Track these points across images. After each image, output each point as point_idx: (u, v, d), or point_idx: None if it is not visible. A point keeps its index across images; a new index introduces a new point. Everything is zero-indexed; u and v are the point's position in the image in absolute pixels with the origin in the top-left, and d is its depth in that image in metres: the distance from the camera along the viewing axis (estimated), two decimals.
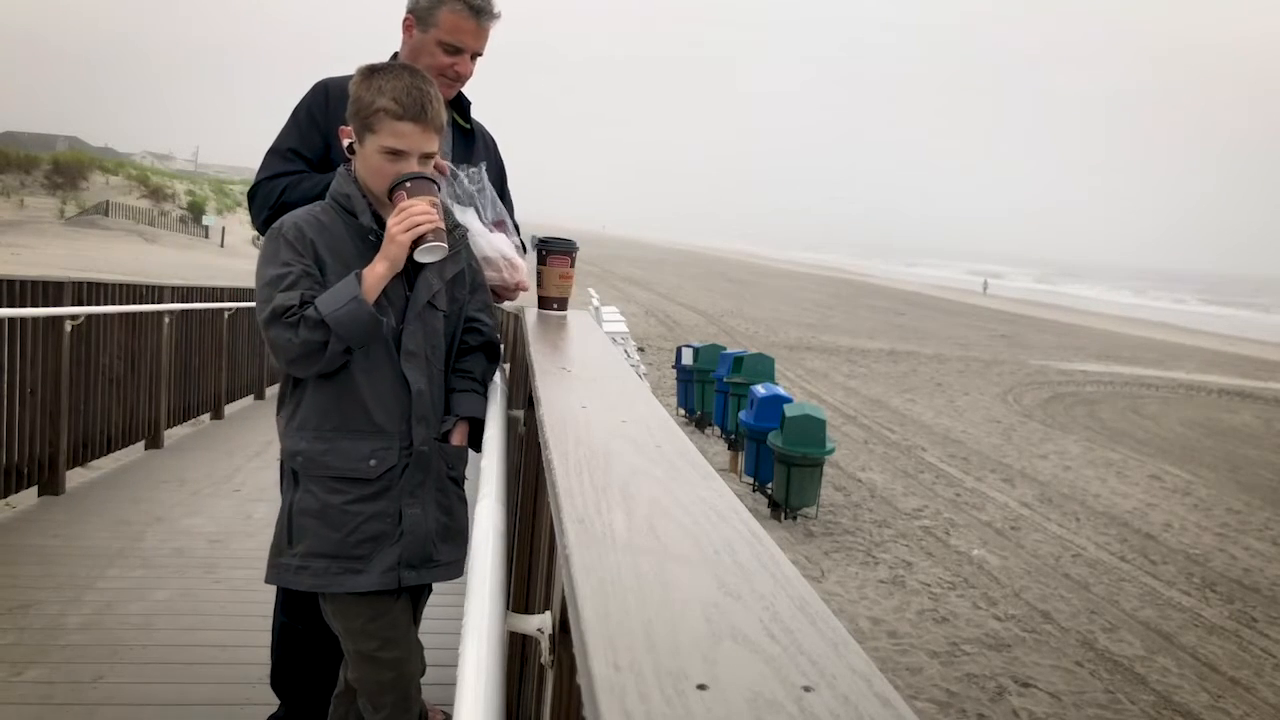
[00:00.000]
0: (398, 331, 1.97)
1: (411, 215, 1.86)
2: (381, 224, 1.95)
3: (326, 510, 1.90)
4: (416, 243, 1.87)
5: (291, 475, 1.94)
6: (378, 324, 1.86)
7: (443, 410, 2.05)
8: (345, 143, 1.95)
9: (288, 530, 1.93)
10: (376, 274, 1.88)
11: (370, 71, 1.94)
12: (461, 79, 2.37)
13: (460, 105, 2.48)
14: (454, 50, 2.31)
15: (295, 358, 1.84)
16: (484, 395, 2.10)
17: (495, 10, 2.33)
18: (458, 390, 2.07)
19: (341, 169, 2.02)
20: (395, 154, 1.89)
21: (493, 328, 2.16)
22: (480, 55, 2.39)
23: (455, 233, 2.05)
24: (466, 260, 2.09)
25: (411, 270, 1.98)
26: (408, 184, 1.89)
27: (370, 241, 1.95)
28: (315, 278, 1.88)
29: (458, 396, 2.07)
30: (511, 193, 2.69)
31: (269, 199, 2.27)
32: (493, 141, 2.62)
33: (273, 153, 2.34)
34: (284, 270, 1.87)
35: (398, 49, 2.40)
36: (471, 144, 2.51)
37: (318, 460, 1.91)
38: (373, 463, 1.91)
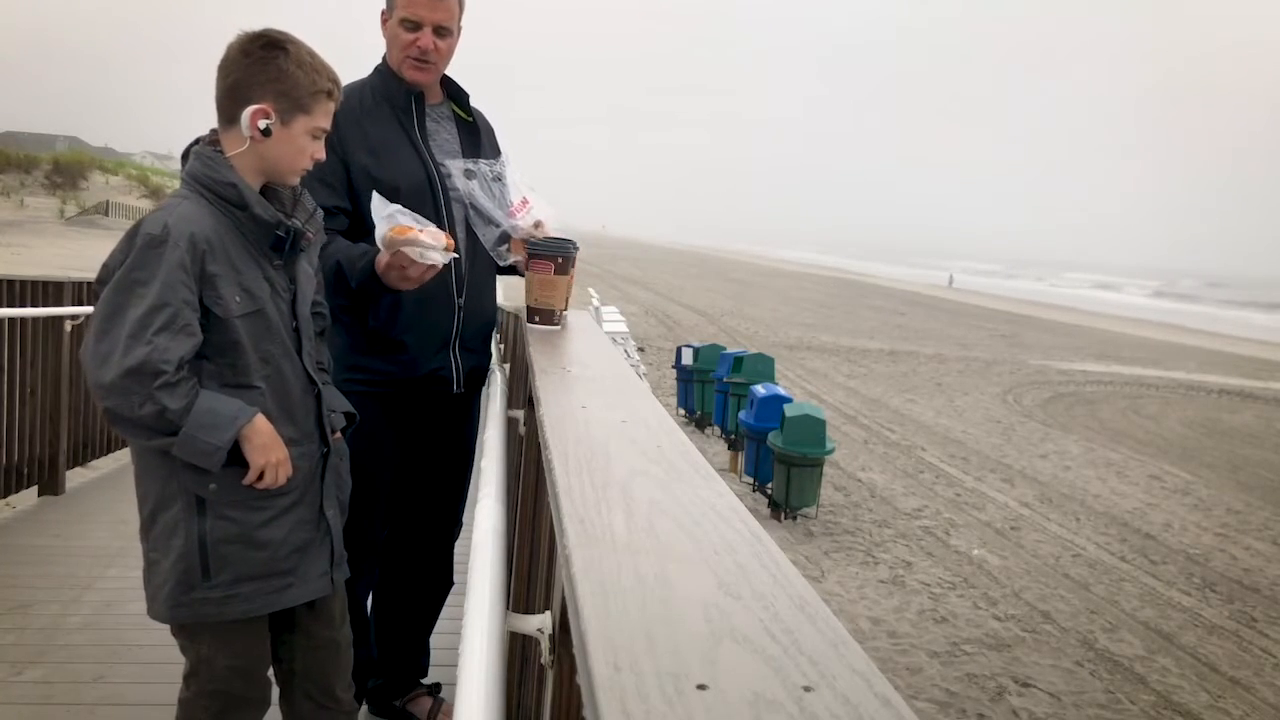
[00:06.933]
0: (295, 330, 1.86)
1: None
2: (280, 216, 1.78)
3: (250, 532, 1.77)
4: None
5: (195, 504, 1.75)
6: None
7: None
8: (263, 124, 1.75)
9: (201, 563, 1.75)
10: (267, 433, 1.74)
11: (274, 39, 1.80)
12: (427, 56, 2.31)
13: (459, 97, 2.48)
14: (413, 25, 2.29)
15: (124, 422, 1.68)
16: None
17: None
18: (323, 384, 1.95)
19: (205, 150, 1.80)
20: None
21: (326, 306, 2.05)
22: (445, 30, 2.32)
23: (317, 215, 1.92)
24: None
25: (290, 256, 1.84)
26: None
27: (264, 239, 1.78)
28: (195, 311, 1.69)
29: (326, 390, 1.95)
30: None
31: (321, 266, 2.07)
32: (491, 129, 2.60)
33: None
34: (161, 304, 1.65)
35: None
36: (476, 135, 2.51)
37: (234, 483, 1.75)
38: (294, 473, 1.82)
